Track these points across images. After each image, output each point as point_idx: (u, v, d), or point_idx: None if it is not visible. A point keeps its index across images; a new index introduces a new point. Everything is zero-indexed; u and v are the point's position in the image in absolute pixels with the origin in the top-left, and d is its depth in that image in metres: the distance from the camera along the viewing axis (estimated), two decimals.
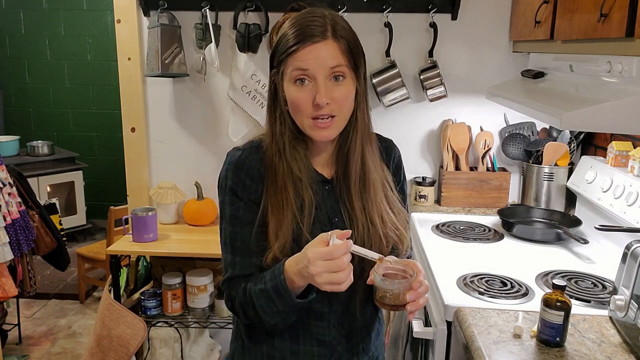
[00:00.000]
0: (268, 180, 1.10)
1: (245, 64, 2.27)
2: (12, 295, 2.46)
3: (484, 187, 2.29)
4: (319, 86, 1.02)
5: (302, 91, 1.03)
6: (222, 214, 1.14)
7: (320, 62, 1.02)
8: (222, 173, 1.14)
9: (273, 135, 1.11)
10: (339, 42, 1.04)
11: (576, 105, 1.37)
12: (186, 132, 2.46)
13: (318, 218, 1.10)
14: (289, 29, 1.05)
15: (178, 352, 2.41)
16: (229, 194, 1.12)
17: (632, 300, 1.19)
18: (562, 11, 1.62)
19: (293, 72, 1.03)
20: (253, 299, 1.05)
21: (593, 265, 1.71)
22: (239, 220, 1.11)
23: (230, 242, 1.12)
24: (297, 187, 1.09)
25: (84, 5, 4.85)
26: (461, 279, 1.56)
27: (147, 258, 2.45)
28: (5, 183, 2.44)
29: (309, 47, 1.01)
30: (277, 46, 1.06)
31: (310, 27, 1.02)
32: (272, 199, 1.09)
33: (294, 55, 1.02)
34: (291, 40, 1.03)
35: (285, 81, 1.06)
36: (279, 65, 1.06)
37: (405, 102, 2.25)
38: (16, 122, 5.11)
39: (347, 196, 1.13)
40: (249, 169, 1.11)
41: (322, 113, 1.03)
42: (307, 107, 1.04)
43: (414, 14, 2.26)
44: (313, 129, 1.06)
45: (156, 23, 2.18)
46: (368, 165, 1.13)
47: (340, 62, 1.03)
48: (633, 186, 1.67)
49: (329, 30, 1.03)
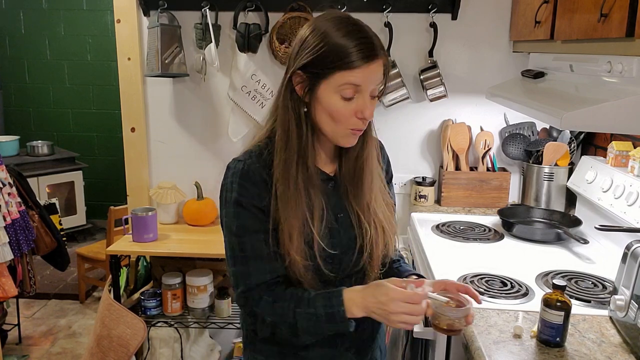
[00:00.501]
0: (279, 188, 1.08)
1: (245, 64, 2.27)
2: (12, 295, 2.46)
3: (484, 187, 2.29)
4: (366, 102, 1.06)
5: (348, 104, 1.06)
6: (227, 228, 1.12)
7: (372, 81, 1.06)
8: (227, 185, 1.12)
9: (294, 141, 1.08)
10: (384, 60, 1.07)
11: (576, 105, 1.37)
12: (186, 132, 2.46)
13: (325, 215, 1.12)
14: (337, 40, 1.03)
15: (178, 352, 2.41)
16: (233, 205, 1.10)
17: (632, 300, 1.19)
18: (562, 11, 1.62)
19: (345, 86, 1.04)
20: (296, 320, 1.07)
21: (593, 265, 1.71)
22: (248, 230, 1.09)
23: (240, 253, 1.10)
24: (309, 191, 1.10)
25: (84, 5, 4.85)
26: (461, 279, 1.56)
27: (147, 258, 2.45)
28: (5, 183, 2.44)
29: (367, 66, 1.03)
30: (321, 54, 1.03)
31: (364, 44, 1.03)
32: (284, 204, 1.08)
33: (350, 71, 1.02)
34: (345, 55, 1.02)
35: (326, 91, 1.05)
36: (319, 74, 1.04)
37: (405, 102, 2.25)
38: (16, 122, 5.11)
39: (357, 194, 1.16)
40: (254, 178, 1.10)
41: (362, 126, 1.09)
42: (350, 119, 1.07)
43: (414, 14, 2.26)
44: (347, 137, 1.10)
45: (156, 23, 2.18)
46: (375, 164, 1.19)
47: (381, 80, 1.08)
48: (633, 186, 1.67)
49: (380, 49, 1.06)
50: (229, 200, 1.11)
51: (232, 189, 1.10)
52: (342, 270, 1.15)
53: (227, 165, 1.14)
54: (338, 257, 1.13)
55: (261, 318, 1.10)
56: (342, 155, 1.18)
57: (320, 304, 1.06)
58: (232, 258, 1.12)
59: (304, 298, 1.08)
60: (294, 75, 1.07)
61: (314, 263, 1.10)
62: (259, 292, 1.10)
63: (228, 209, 1.11)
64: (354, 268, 1.17)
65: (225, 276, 2.37)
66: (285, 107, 1.10)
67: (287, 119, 1.09)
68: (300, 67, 1.06)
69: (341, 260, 1.14)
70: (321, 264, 1.10)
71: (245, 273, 1.10)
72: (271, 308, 1.08)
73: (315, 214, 1.10)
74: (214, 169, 2.48)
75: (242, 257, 1.10)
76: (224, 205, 1.12)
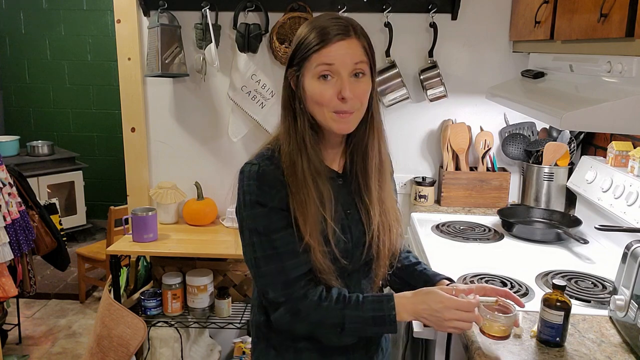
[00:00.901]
0: (289, 180, 1.11)
1: (245, 64, 2.27)
2: (12, 295, 2.46)
3: (484, 187, 2.29)
4: (344, 81, 1.08)
5: (326, 85, 1.08)
6: (252, 229, 1.12)
7: (345, 58, 1.08)
8: (244, 188, 1.12)
9: (293, 133, 1.13)
10: (361, 40, 1.11)
11: (576, 105, 1.37)
12: (186, 132, 2.46)
13: (335, 211, 1.15)
14: (311, 29, 1.09)
15: (178, 352, 2.41)
16: (255, 207, 1.11)
17: (632, 300, 1.19)
18: (562, 11, 1.62)
19: (318, 68, 1.08)
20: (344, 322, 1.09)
21: (593, 265, 1.71)
22: (275, 228, 1.10)
23: (272, 251, 1.10)
24: (316, 181, 1.12)
25: (84, 5, 4.85)
26: (461, 279, 1.56)
27: (147, 258, 2.45)
28: (5, 183, 2.44)
29: (335, 44, 1.07)
30: (299, 45, 1.10)
31: (334, 26, 1.08)
32: (295, 196, 1.10)
33: (320, 51, 1.07)
34: (316, 38, 1.08)
35: (307, 78, 1.10)
36: (300, 63, 1.10)
37: (405, 102, 2.25)
38: (16, 122, 5.11)
39: (365, 189, 1.19)
40: (270, 179, 1.11)
41: (344, 109, 1.09)
42: (331, 100, 1.09)
43: (414, 14, 2.26)
44: (335, 120, 1.11)
45: (156, 23, 2.18)
46: (384, 160, 1.21)
47: (362, 59, 1.10)
48: (633, 186, 1.67)
49: (351, 29, 1.10)
50: (249, 202, 1.12)
51: (250, 192, 1.11)
52: (354, 262, 1.19)
53: (240, 169, 1.15)
54: (350, 251, 1.17)
55: (304, 315, 1.10)
56: (350, 152, 1.20)
57: (370, 307, 1.10)
58: (263, 258, 1.11)
59: (352, 300, 1.11)
60: (288, 73, 1.14)
61: (330, 249, 1.12)
62: (301, 287, 1.10)
63: (250, 211, 1.12)
64: (363, 262, 1.21)
65: (226, 276, 2.37)
66: (285, 106, 1.16)
67: (286, 115, 1.15)
68: (289, 63, 1.13)
69: (352, 254, 1.18)
70: (336, 251, 1.13)
71: (281, 269, 1.10)
72: (317, 307, 1.10)
73: (326, 203, 1.12)
74: (214, 169, 2.48)
75: (275, 254, 1.10)
76: (245, 209, 1.13)
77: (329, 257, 1.12)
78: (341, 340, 1.14)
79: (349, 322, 1.09)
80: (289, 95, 1.15)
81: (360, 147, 1.18)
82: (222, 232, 2.37)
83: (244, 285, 2.39)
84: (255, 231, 1.12)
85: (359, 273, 1.21)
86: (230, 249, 2.18)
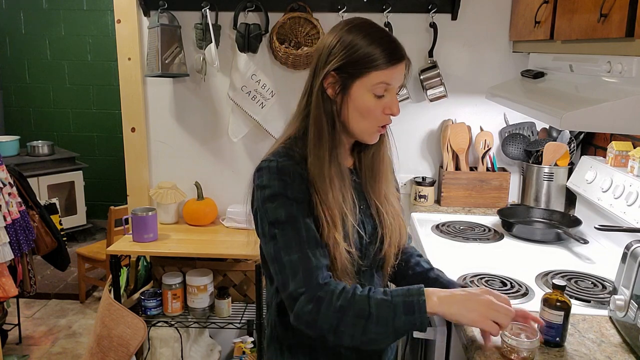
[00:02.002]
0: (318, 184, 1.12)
1: (245, 64, 2.27)
2: (12, 295, 2.46)
3: (484, 187, 2.29)
4: (394, 100, 1.16)
5: (379, 101, 1.14)
6: (273, 222, 1.10)
7: (400, 80, 1.17)
8: (264, 183, 1.12)
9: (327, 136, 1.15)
10: (407, 61, 1.17)
11: (576, 105, 1.37)
12: (186, 132, 2.46)
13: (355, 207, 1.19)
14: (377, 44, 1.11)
15: (178, 352, 2.41)
16: (277, 198, 1.11)
17: (632, 300, 1.19)
18: (562, 11, 1.62)
19: (379, 85, 1.13)
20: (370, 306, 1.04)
21: (593, 265, 1.71)
22: (297, 216, 1.10)
23: (296, 237, 1.09)
24: (341, 184, 1.16)
25: (84, 5, 4.86)
26: (461, 279, 1.56)
27: (147, 258, 2.45)
28: (5, 183, 2.44)
29: (398, 66, 1.13)
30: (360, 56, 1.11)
31: (398, 48, 1.14)
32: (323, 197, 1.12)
33: (386, 71, 1.12)
34: (385, 56, 1.11)
35: (360, 89, 1.13)
36: (356, 73, 1.12)
37: (405, 102, 2.25)
38: (16, 122, 5.11)
39: (373, 185, 1.25)
40: (290, 172, 1.12)
41: (390, 122, 1.18)
42: (380, 115, 1.15)
43: (414, 14, 2.26)
44: (374, 134, 1.19)
45: (156, 23, 2.18)
46: (388, 158, 1.29)
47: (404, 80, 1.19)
48: (633, 186, 1.67)
49: (404, 50, 1.15)
50: (270, 195, 1.11)
51: (270, 185, 1.11)
52: (368, 258, 1.22)
53: (257, 167, 1.16)
54: (365, 246, 1.20)
55: (327, 302, 1.04)
56: (359, 150, 1.26)
57: (399, 294, 1.07)
58: (285, 249, 1.09)
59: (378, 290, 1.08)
60: (326, 77, 1.14)
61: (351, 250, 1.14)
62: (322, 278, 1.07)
63: (272, 203, 1.11)
64: (376, 256, 1.24)
65: (226, 276, 2.37)
66: (317, 108, 1.16)
67: (320, 119, 1.15)
68: (334, 68, 1.13)
69: (367, 249, 1.21)
70: (352, 248, 1.15)
71: (304, 258, 1.07)
72: (340, 294, 1.05)
73: (348, 206, 1.16)
74: (214, 169, 2.48)
75: (297, 242, 1.08)
76: (265, 202, 1.11)
77: (349, 255, 1.14)
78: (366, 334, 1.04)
79: (375, 308, 1.04)
80: (324, 100, 1.15)
81: (371, 147, 1.24)
82: (222, 232, 2.37)
83: (244, 285, 2.39)
84: (277, 222, 1.10)
85: (371, 270, 1.24)
86: (230, 249, 2.18)
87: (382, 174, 1.26)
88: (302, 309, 1.06)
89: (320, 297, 1.05)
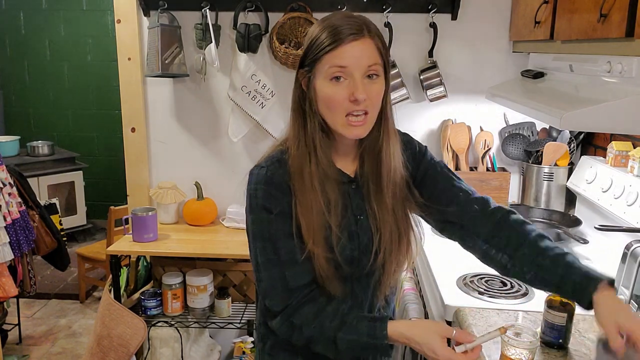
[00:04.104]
0: (295, 183, 1.10)
1: (245, 64, 2.27)
2: (12, 295, 2.46)
3: (484, 187, 2.29)
4: (357, 82, 1.04)
5: (338, 88, 1.05)
6: (256, 234, 1.11)
7: (358, 59, 1.04)
8: (251, 192, 1.11)
9: (302, 136, 1.11)
10: (375, 40, 1.06)
11: (576, 105, 1.37)
12: (186, 132, 2.46)
13: (345, 217, 1.13)
14: (323, 28, 1.06)
15: (178, 352, 2.41)
16: (262, 211, 1.10)
17: (632, 300, 1.19)
18: (561, 11, 1.62)
19: (330, 69, 1.04)
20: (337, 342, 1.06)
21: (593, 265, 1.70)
22: (279, 233, 1.09)
23: (275, 256, 1.09)
24: (323, 185, 1.10)
25: (84, 6, 4.85)
26: (461, 278, 1.56)
27: (147, 258, 2.45)
28: (5, 183, 2.44)
29: (348, 44, 1.03)
30: (311, 46, 1.07)
31: (347, 25, 1.04)
32: (300, 199, 1.09)
33: (332, 52, 1.04)
34: (328, 38, 1.04)
35: (319, 79, 1.07)
36: (312, 64, 1.07)
37: (405, 102, 2.25)
38: (16, 122, 5.11)
39: (378, 194, 1.15)
40: (278, 184, 1.10)
41: (358, 109, 1.05)
42: (343, 103, 1.05)
43: (414, 14, 2.26)
44: (346, 127, 1.07)
45: (156, 23, 2.18)
46: (398, 165, 1.16)
47: (377, 61, 1.06)
48: (633, 186, 1.67)
49: (365, 28, 1.05)
50: (257, 207, 1.10)
51: (257, 196, 1.10)
52: (360, 269, 1.16)
53: (250, 171, 1.14)
54: (356, 258, 1.14)
55: (299, 330, 1.08)
56: (363, 155, 1.17)
57: (365, 332, 1.05)
58: (265, 264, 1.10)
59: (347, 322, 1.06)
60: (299, 74, 1.12)
61: (333, 256, 1.10)
62: (299, 298, 1.08)
63: (257, 215, 1.11)
64: (370, 268, 1.17)
65: (226, 276, 2.37)
66: (294, 106, 1.14)
67: (296, 117, 1.13)
68: (300, 63, 1.11)
69: (359, 261, 1.15)
70: (340, 261, 1.11)
71: (282, 278, 1.08)
72: (312, 321, 1.07)
73: (332, 209, 1.10)
74: (214, 169, 2.48)
75: (277, 262, 1.09)
76: (252, 212, 1.12)
77: (333, 264, 1.10)
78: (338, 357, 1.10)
79: (341, 344, 1.06)
80: (299, 97, 1.12)
81: (373, 151, 1.15)
82: (222, 232, 2.37)
83: (244, 285, 2.39)
84: (259, 236, 1.11)
85: (367, 279, 1.18)
86: (230, 249, 2.18)
87: (385, 183, 1.14)
88: (277, 328, 1.12)
89: (293, 323, 1.08)
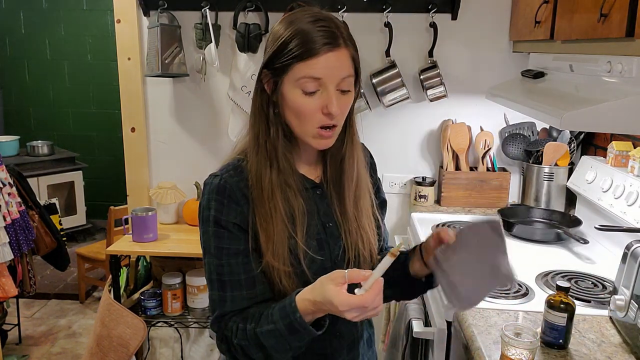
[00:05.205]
0: (254, 192, 1.03)
1: (245, 64, 2.27)
2: (12, 295, 2.46)
3: (484, 187, 2.29)
4: (331, 96, 0.98)
5: (311, 99, 0.98)
6: (205, 248, 1.06)
7: (333, 70, 0.97)
8: (203, 203, 1.06)
9: (262, 141, 1.04)
10: (349, 49, 1.00)
11: (576, 105, 1.36)
12: (186, 132, 2.46)
13: (312, 224, 1.07)
14: (293, 33, 0.97)
15: (178, 352, 2.41)
16: (212, 224, 1.04)
17: (632, 300, 1.19)
18: (562, 11, 1.62)
19: (302, 80, 0.97)
20: (262, 341, 0.97)
21: (593, 265, 1.71)
22: (226, 252, 1.03)
23: (217, 277, 1.04)
24: (286, 194, 1.04)
25: (84, 5, 4.85)
26: None
27: (147, 258, 2.45)
28: (5, 183, 2.44)
29: (322, 55, 0.96)
30: (279, 51, 0.99)
31: (320, 33, 0.96)
32: (259, 209, 1.02)
33: (305, 62, 0.96)
34: (299, 46, 0.96)
35: (288, 86, 0.99)
36: (280, 70, 0.99)
37: (405, 102, 2.25)
38: (16, 122, 5.11)
39: (340, 202, 1.10)
40: (232, 193, 1.04)
41: (330, 123, 1.00)
42: (315, 115, 0.99)
43: (414, 14, 2.26)
44: (316, 138, 1.02)
45: (156, 23, 2.18)
46: (361, 173, 1.12)
47: (350, 73, 1.00)
48: (633, 186, 1.67)
49: (340, 37, 0.98)
50: (207, 218, 1.05)
51: (209, 207, 1.04)
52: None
53: (204, 181, 1.08)
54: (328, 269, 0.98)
55: (236, 344, 1.01)
56: (325, 160, 1.11)
57: (278, 317, 0.95)
58: (209, 281, 1.06)
59: (265, 315, 0.98)
60: (262, 74, 1.04)
61: (297, 269, 1.03)
62: (234, 318, 1.02)
63: (206, 227, 1.05)
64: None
65: None
66: (255, 108, 1.06)
67: (257, 120, 1.06)
68: (264, 64, 1.03)
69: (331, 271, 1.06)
70: (308, 273, 1.03)
71: (222, 299, 1.03)
72: (238, 331, 1.00)
73: (297, 218, 1.03)
74: (214, 169, 2.46)
75: (219, 281, 1.03)
76: (202, 224, 1.06)
77: (299, 279, 1.03)
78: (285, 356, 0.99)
79: (265, 340, 0.96)
80: (261, 99, 1.04)
81: (336, 159, 1.09)
82: None
83: None
84: (207, 251, 1.06)
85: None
86: None
87: (347, 188, 1.09)
88: (219, 344, 1.06)
89: (226, 336, 1.03)
